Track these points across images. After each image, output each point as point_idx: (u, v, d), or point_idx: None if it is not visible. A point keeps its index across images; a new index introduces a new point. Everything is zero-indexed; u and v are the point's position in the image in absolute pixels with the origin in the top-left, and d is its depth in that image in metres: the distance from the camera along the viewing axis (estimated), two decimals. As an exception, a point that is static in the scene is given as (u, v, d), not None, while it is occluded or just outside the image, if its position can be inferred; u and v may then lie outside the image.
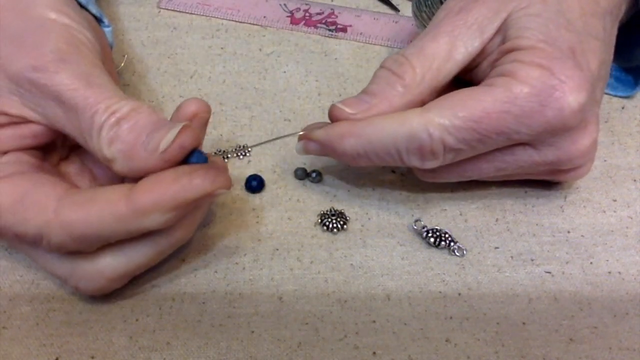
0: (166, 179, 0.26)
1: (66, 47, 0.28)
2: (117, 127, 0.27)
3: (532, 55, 0.29)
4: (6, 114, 0.29)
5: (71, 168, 0.32)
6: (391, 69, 0.32)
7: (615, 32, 0.33)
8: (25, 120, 0.29)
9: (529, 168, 0.32)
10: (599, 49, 0.30)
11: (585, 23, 0.30)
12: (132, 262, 0.29)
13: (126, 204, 0.26)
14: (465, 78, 0.33)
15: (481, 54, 0.32)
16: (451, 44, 0.31)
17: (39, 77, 0.27)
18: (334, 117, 0.32)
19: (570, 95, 0.28)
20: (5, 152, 0.29)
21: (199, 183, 0.26)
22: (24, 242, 0.28)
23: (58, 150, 0.32)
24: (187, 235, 0.30)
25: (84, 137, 0.28)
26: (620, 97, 0.42)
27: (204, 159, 0.28)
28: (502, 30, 0.31)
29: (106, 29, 0.37)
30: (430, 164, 0.30)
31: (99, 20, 0.36)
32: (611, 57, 0.32)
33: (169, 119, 0.29)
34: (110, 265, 0.28)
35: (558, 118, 0.29)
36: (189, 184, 0.26)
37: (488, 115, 0.29)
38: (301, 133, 0.33)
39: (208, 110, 0.30)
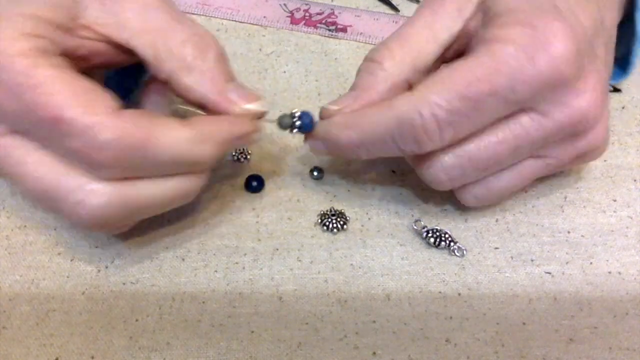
0: (221, 117, 0.30)
1: None
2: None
3: (512, 17, 0.28)
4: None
5: None
6: (371, 57, 0.32)
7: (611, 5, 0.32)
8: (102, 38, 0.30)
9: (544, 141, 0.30)
10: (588, 7, 0.29)
11: None
12: (140, 194, 0.28)
13: (190, 128, 0.28)
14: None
15: (465, 33, 0.31)
16: (430, 26, 0.31)
17: None
18: (323, 118, 0.32)
19: (557, 43, 0.27)
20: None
21: (246, 123, 0.30)
22: (60, 130, 0.26)
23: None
24: (198, 187, 0.31)
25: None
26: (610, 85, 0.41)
27: None
28: (483, 6, 0.31)
29: None
30: (428, 146, 0.29)
31: None
32: (609, 21, 0.31)
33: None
34: (117, 190, 0.28)
35: (551, 67, 0.28)
36: (240, 122, 0.30)
37: (477, 80, 0.28)
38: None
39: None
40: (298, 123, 0.32)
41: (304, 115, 0.32)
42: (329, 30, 0.46)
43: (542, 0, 0.29)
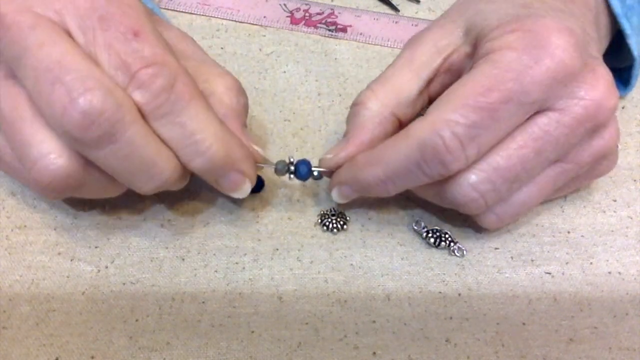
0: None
1: None
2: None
3: (502, 29, 0.29)
4: None
5: None
6: (356, 102, 0.34)
7: (588, 14, 0.33)
8: None
9: (566, 140, 0.29)
10: (568, 18, 0.30)
11: (543, 2, 0.31)
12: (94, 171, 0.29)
13: (225, 125, 0.30)
14: None
15: (448, 65, 0.33)
16: (409, 64, 0.33)
17: None
18: (321, 167, 0.34)
19: (555, 38, 0.28)
20: None
21: (257, 154, 0.33)
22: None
23: None
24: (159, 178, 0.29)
25: None
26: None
27: None
28: (467, 39, 0.32)
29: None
30: (455, 166, 0.29)
31: None
32: (593, 35, 0.32)
33: None
34: (71, 161, 0.28)
35: (556, 61, 0.28)
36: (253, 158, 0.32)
37: (488, 90, 0.28)
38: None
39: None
40: (292, 175, 0.33)
41: (301, 164, 0.33)
42: (329, 30, 0.46)
43: (521, 14, 0.30)
